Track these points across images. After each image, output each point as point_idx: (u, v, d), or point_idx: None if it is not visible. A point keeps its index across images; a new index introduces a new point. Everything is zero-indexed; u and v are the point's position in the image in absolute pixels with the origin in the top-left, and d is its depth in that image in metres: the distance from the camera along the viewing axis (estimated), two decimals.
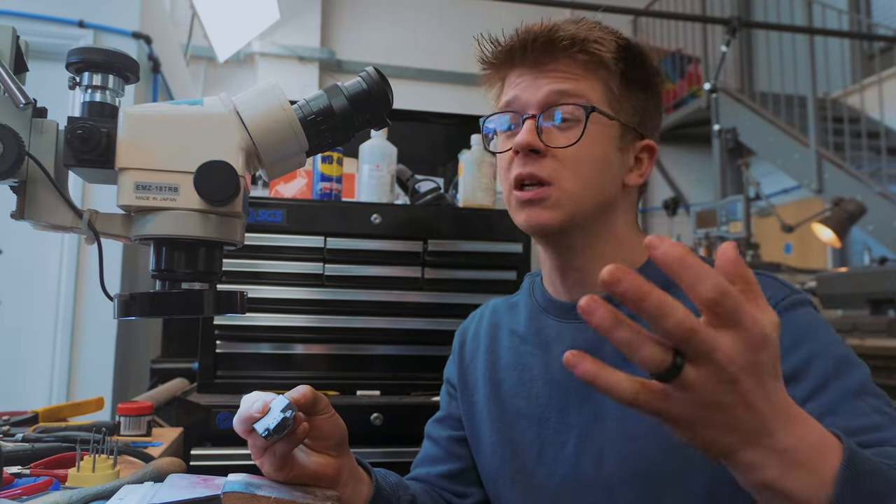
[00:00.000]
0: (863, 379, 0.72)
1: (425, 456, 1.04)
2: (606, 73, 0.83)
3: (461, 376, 1.00)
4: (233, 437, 0.79)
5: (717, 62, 4.35)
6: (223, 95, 0.67)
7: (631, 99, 0.85)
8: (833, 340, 0.75)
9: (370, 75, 0.71)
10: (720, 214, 3.73)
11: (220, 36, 4.87)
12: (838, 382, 0.70)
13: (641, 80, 0.86)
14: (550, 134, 0.82)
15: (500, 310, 1.02)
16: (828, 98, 5.33)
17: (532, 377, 0.90)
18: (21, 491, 0.83)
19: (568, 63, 0.82)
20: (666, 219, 5.63)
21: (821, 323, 0.76)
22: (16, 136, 0.59)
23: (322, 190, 1.68)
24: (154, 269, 0.67)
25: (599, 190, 0.83)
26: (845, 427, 0.65)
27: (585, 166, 0.82)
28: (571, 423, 0.84)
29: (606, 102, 0.83)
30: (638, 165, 0.88)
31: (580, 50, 0.81)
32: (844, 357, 0.73)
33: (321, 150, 0.73)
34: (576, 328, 0.87)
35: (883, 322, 2.70)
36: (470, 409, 0.97)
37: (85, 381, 2.44)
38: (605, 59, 0.82)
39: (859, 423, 0.67)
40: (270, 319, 1.60)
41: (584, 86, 0.82)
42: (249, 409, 0.73)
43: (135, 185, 0.63)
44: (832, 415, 0.68)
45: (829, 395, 0.70)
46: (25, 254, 2.46)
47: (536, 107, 0.83)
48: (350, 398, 1.58)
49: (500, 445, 0.91)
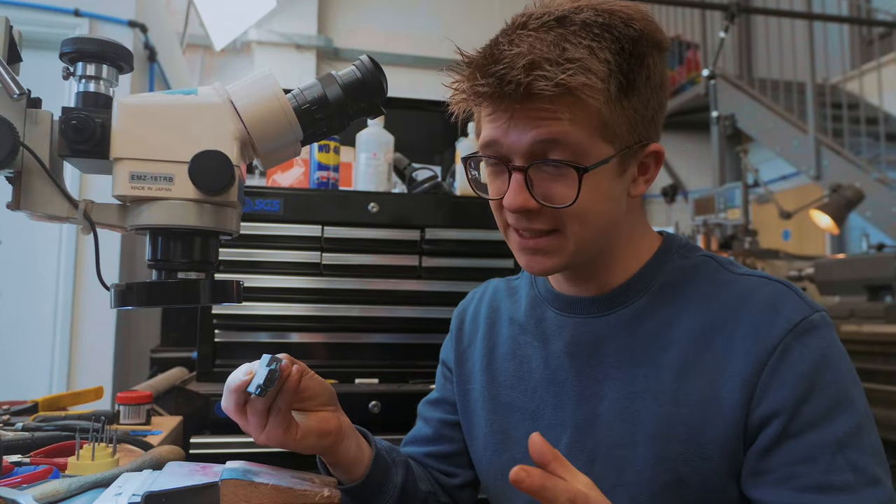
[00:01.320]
0: (853, 425, 0.70)
1: (416, 435, 1.04)
2: (599, 104, 0.71)
3: (458, 360, 0.99)
4: (231, 425, 0.80)
5: (715, 48, 4.33)
6: (217, 85, 0.67)
7: (630, 113, 0.74)
8: (836, 378, 0.72)
9: (364, 64, 0.71)
10: (718, 201, 3.73)
11: (216, 24, 4.85)
12: (826, 428, 0.69)
13: (642, 83, 0.74)
14: (543, 183, 0.73)
15: (500, 293, 1.00)
16: (827, 84, 5.32)
17: (530, 369, 0.89)
18: (21, 479, 0.83)
19: (552, 104, 0.70)
20: (664, 206, 5.63)
21: (832, 353, 0.73)
22: (10, 127, 0.59)
23: (319, 179, 1.68)
24: (150, 258, 0.67)
25: (606, 224, 0.78)
26: (817, 481, 0.68)
27: (588, 214, 0.75)
28: (566, 421, 0.83)
29: (600, 138, 0.72)
30: (643, 172, 0.80)
31: (565, 93, 0.69)
32: (842, 398, 0.71)
33: (316, 139, 0.73)
34: (576, 322, 0.85)
35: (880, 308, 2.71)
36: (465, 396, 0.97)
37: (84, 371, 2.45)
38: (595, 97, 0.70)
39: (831, 480, 0.68)
40: (268, 308, 1.60)
41: (572, 128, 0.71)
42: (236, 380, 0.75)
43: (130, 174, 0.63)
44: (809, 462, 0.69)
45: (812, 439, 0.70)
46: (24, 244, 2.46)
47: (521, 157, 0.73)
48: (348, 386, 1.59)
49: (492, 437, 0.91)
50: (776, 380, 0.71)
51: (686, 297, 0.80)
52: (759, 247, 3.73)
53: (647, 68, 0.74)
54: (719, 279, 0.80)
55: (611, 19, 0.72)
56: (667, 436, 0.75)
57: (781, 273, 3.38)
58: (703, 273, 0.81)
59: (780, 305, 0.74)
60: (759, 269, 3.26)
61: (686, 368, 0.76)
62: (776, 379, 0.71)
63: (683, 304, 0.79)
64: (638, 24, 0.73)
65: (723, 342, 0.75)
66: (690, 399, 0.74)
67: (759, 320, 0.74)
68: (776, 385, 0.71)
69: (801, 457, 0.69)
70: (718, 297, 0.78)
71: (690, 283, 0.81)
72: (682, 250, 0.85)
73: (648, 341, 0.79)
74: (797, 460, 0.69)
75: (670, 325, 0.79)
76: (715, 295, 0.78)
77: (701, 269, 0.82)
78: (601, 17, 0.72)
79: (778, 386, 0.71)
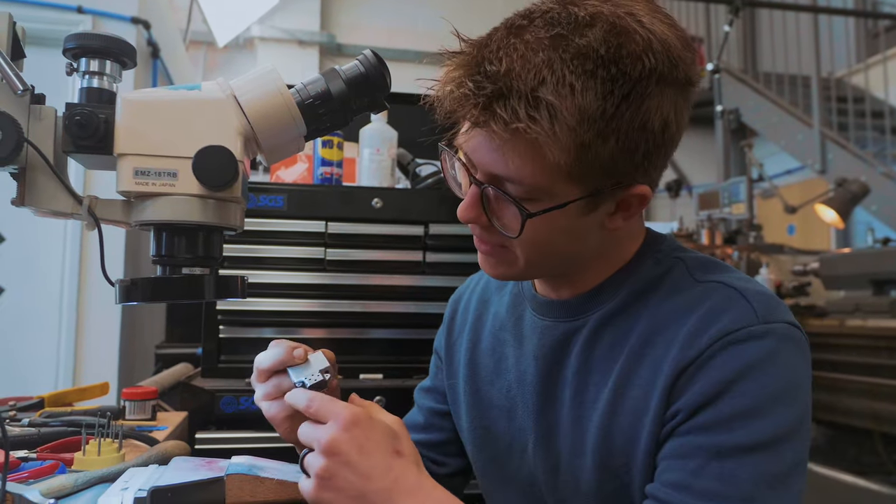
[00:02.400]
0: (753, 441, 0.65)
1: (408, 422, 1.04)
2: (566, 145, 0.64)
3: (447, 351, 1.00)
4: (236, 420, 0.81)
5: (720, 42, 4.31)
6: (221, 80, 0.67)
7: (608, 152, 0.66)
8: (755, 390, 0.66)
9: (368, 59, 0.70)
10: (723, 196, 3.71)
11: (219, 20, 4.84)
12: (714, 434, 0.66)
13: (636, 126, 0.65)
14: (499, 205, 0.72)
15: (491, 285, 0.99)
16: (832, 78, 5.29)
17: (507, 367, 0.88)
18: (28, 474, 0.84)
19: (513, 136, 0.64)
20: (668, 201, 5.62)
21: (763, 366, 0.66)
22: (14, 123, 0.60)
23: (323, 174, 1.68)
24: (154, 254, 0.68)
25: (566, 253, 0.75)
26: (681, 480, 0.65)
27: (540, 244, 0.72)
28: (531, 426, 0.83)
29: (564, 178, 0.67)
30: (624, 209, 0.73)
31: (529, 125, 0.63)
32: (753, 411, 0.65)
33: (320, 135, 0.73)
34: (546, 326, 0.83)
35: (885, 302, 2.70)
36: (452, 388, 0.97)
37: (90, 367, 2.45)
38: (559, 141, 0.63)
39: (694, 483, 0.65)
40: (273, 304, 1.60)
41: (529, 167, 0.66)
42: (289, 354, 0.75)
43: (134, 170, 0.63)
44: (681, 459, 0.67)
45: (695, 440, 0.67)
46: (29, 241, 2.47)
47: (481, 173, 0.71)
48: (353, 381, 1.59)
49: (474, 432, 0.91)
50: (687, 387, 0.68)
51: (646, 304, 0.76)
52: (763, 241, 3.72)
53: (644, 112, 0.65)
54: (679, 286, 0.76)
55: (618, 51, 0.63)
56: (607, 446, 0.74)
57: (786, 268, 3.37)
58: (669, 280, 0.77)
59: (723, 314, 0.69)
60: (765, 263, 3.26)
61: (625, 378, 0.74)
62: (688, 386, 0.68)
63: (640, 312, 0.76)
64: (652, 60, 0.64)
65: (660, 351, 0.72)
66: (625, 409, 0.73)
67: (694, 328, 0.70)
68: (685, 391, 0.68)
69: (677, 452, 0.68)
70: (671, 304, 0.74)
71: (653, 290, 0.77)
72: (657, 255, 0.80)
73: (604, 350, 0.77)
74: (673, 455, 0.68)
75: (626, 334, 0.76)
76: (668, 302, 0.75)
77: (667, 277, 0.77)
78: (609, 42, 0.63)
79: (687, 392, 0.68)
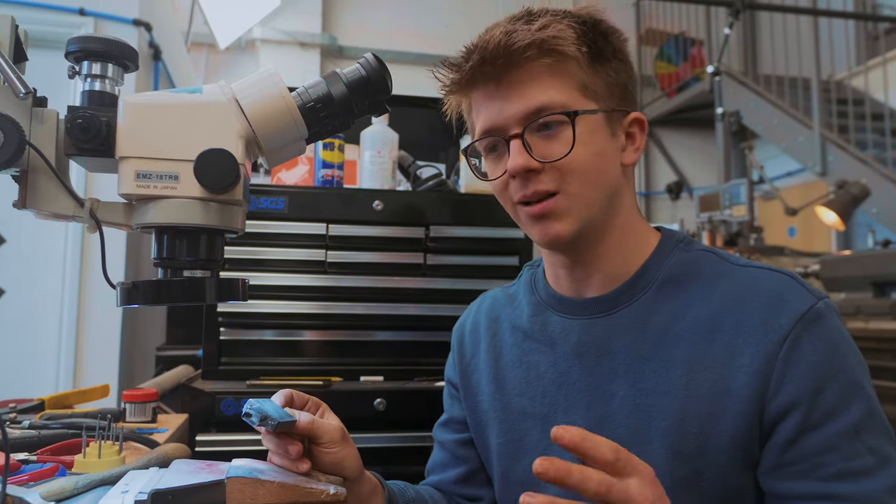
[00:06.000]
0: (865, 410, 0.73)
1: (435, 461, 1.04)
2: (574, 65, 0.79)
3: (463, 376, 0.99)
4: (237, 423, 0.81)
5: (720, 44, 4.31)
6: (222, 83, 0.67)
7: (605, 78, 0.81)
8: (847, 366, 0.74)
9: (369, 62, 0.71)
10: (724, 198, 3.71)
11: (220, 22, 4.84)
12: (843, 416, 0.72)
13: (609, 54, 0.81)
14: (540, 146, 0.79)
15: (498, 303, 1.00)
16: (832, 80, 5.29)
17: (539, 374, 0.89)
18: (28, 477, 0.84)
19: (532, 70, 0.78)
20: (669, 203, 5.62)
21: (840, 341, 0.75)
22: (16, 126, 0.60)
23: (324, 177, 1.68)
24: (156, 257, 0.68)
25: (605, 183, 0.81)
26: (840, 469, 0.70)
27: (586, 167, 0.78)
28: (578, 422, 0.83)
29: (582, 96, 0.79)
30: (631, 141, 0.84)
31: (541, 54, 0.77)
32: (854, 384, 0.73)
33: (321, 137, 0.73)
34: (582, 324, 0.85)
35: (886, 305, 2.70)
36: (474, 409, 0.96)
37: (90, 369, 2.45)
38: (569, 53, 0.77)
39: (852, 466, 0.71)
40: (273, 306, 1.61)
41: (555, 90, 0.78)
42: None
43: (135, 173, 0.63)
44: (831, 452, 0.71)
45: (832, 428, 0.72)
46: (30, 243, 2.47)
47: (517, 124, 0.79)
48: (353, 384, 1.59)
49: (507, 446, 0.91)
50: (789, 372, 0.72)
51: (690, 290, 0.81)
52: (764, 243, 3.72)
53: (612, 44, 0.82)
54: (721, 271, 0.81)
55: (572, 13, 0.82)
56: (680, 430, 0.75)
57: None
58: (705, 266, 0.83)
59: (786, 295, 0.76)
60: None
61: (695, 362, 0.76)
62: (789, 371, 0.72)
63: (688, 298, 0.80)
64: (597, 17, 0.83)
65: (730, 334, 0.76)
66: (701, 392, 0.75)
67: (766, 311, 0.75)
68: (790, 377, 0.72)
69: (823, 447, 0.71)
70: (722, 289, 0.79)
71: (693, 276, 0.82)
72: (681, 244, 0.86)
73: (656, 337, 0.80)
74: (820, 451, 0.71)
75: (676, 319, 0.79)
76: (718, 287, 0.79)
77: (702, 262, 0.83)
78: (564, 11, 0.82)
79: (792, 378, 0.72)
